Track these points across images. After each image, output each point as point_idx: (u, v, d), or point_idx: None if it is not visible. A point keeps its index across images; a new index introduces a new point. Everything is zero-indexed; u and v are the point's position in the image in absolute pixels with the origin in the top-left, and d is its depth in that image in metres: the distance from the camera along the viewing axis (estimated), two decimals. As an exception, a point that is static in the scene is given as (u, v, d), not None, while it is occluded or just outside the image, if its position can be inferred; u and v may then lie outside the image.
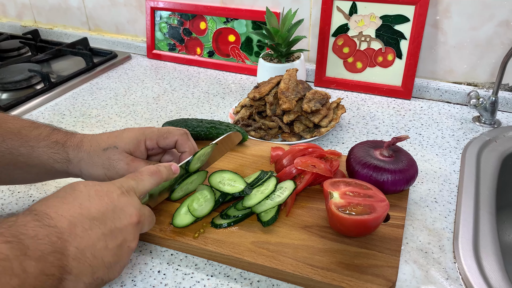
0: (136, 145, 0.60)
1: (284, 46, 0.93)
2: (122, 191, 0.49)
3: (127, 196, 0.49)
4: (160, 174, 0.54)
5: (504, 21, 0.86)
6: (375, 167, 0.62)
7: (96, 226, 0.44)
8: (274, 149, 0.73)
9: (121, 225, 0.46)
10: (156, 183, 0.53)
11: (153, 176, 0.53)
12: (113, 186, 0.48)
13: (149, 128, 0.63)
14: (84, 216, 0.44)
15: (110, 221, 0.46)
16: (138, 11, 1.25)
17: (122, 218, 0.47)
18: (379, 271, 0.52)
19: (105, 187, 0.48)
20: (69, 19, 1.39)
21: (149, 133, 0.62)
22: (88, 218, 0.44)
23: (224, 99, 1.00)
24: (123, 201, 0.48)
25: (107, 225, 0.45)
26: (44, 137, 0.58)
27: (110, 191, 0.48)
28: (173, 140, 0.63)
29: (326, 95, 0.83)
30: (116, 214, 0.46)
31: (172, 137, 0.63)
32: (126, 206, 0.48)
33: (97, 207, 0.45)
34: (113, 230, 0.46)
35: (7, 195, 0.71)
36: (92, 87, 1.10)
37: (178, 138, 0.63)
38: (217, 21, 1.13)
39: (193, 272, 0.56)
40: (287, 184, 0.62)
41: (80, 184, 0.47)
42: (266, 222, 0.58)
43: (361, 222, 0.53)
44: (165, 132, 0.63)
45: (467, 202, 0.65)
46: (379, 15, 0.95)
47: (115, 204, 0.47)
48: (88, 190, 0.47)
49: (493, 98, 0.84)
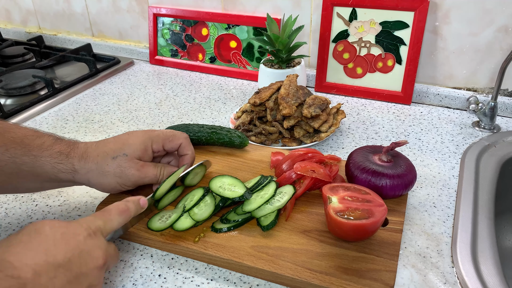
0: (144, 150, 0.61)
1: (285, 52, 0.94)
2: (88, 232, 0.47)
3: (93, 238, 0.47)
4: (128, 212, 0.53)
5: (503, 27, 0.87)
6: (373, 172, 0.63)
7: (61, 273, 0.42)
8: (274, 154, 0.74)
9: (87, 269, 0.45)
10: (124, 221, 0.52)
11: (121, 215, 0.52)
12: (80, 228, 0.46)
13: (153, 131, 0.64)
14: (50, 264, 0.42)
15: (76, 266, 0.44)
16: (141, 17, 1.27)
17: (89, 262, 0.45)
18: (377, 275, 0.52)
19: (72, 229, 0.46)
20: (73, 25, 1.41)
21: (155, 136, 0.63)
22: (54, 266, 0.42)
23: (225, 104, 1.01)
24: (90, 244, 0.46)
25: (73, 271, 0.43)
26: (47, 147, 0.58)
27: (76, 234, 0.45)
28: (178, 143, 0.65)
29: (326, 101, 0.84)
30: (83, 259, 0.44)
31: (177, 140, 0.64)
32: (92, 249, 0.46)
33: (62, 252, 0.43)
34: (79, 276, 0.44)
35: (10, 200, 0.72)
36: (95, 93, 1.11)
37: (182, 142, 0.65)
38: (219, 27, 1.14)
39: (193, 276, 0.56)
40: (286, 189, 0.63)
41: (45, 226, 0.45)
42: (265, 227, 0.59)
43: (359, 226, 0.54)
44: (170, 136, 0.64)
45: (466, 207, 0.65)
46: (379, 21, 0.96)
47: (81, 248, 0.45)
48: (54, 233, 0.44)
49: (492, 103, 0.85)
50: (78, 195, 0.72)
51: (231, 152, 0.78)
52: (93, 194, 0.72)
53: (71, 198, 0.72)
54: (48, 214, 0.68)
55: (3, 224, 0.67)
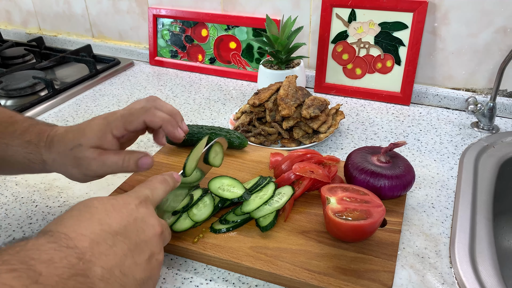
0: (102, 138, 0.55)
1: (284, 53, 0.95)
2: (140, 201, 0.46)
3: (144, 207, 0.46)
4: (167, 182, 0.52)
5: (501, 28, 0.87)
6: (372, 172, 0.63)
7: (120, 241, 0.41)
8: (273, 155, 0.74)
9: (145, 237, 0.43)
10: (166, 191, 0.52)
11: (163, 184, 0.51)
12: (129, 198, 0.46)
13: (113, 114, 0.57)
14: (106, 232, 0.40)
15: (133, 234, 0.42)
16: (141, 19, 1.27)
17: (145, 229, 0.44)
18: (376, 276, 0.53)
19: (121, 200, 0.45)
20: (73, 26, 1.41)
21: (113, 121, 0.55)
22: (111, 234, 0.41)
23: (225, 105, 1.02)
24: (143, 211, 0.45)
25: (132, 239, 0.42)
26: (18, 135, 0.55)
27: (127, 203, 0.45)
28: (140, 121, 0.55)
29: (325, 101, 0.84)
30: (139, 226, 0.43)
31: (137, 118, 0.55)
32: (146, 216, 0.45)
33: (117, 221, 0.42)
34: (139, 244, 0.42)
35: (10, 201, 0.72)
36: (95, 94, 1.11)
37: (144, 118, 0.55)
38: (218, 28, 1.15)
39: (192, 277, 0.57)
40: (285, 189, 0.63)
41: (94, 200, 0.44)
42: (264, 227, 0.59)
43: (357, 227, 0.54)
44: (128, 116, 0.55)
45: (464, 207, 0.65)
46: (378, 22, 0.96)
47: (135, 216, 0.44)
48: (104, 205, 0.43)
49: (491, 104, 0.85)
50: (78, 195, 0.73)
51: (230, 152, 0.78)
52: (92, 195, 0.73)
53: (71, 199, 0.72)
54: (48, 215, 0.68)
55: (3, 225, 0.67)
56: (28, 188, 0.75)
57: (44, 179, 0.77)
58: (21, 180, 0.77)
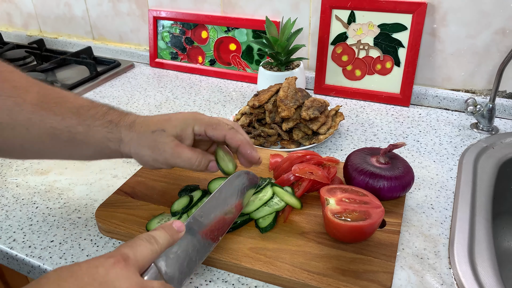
0: (184, 129, 0.58)
1: (284, 55, 0.95)
2: (115, 260, 0.41)
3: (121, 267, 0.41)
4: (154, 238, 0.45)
5: (500, 29, 0.87)
6: (371, 173, 0.63)
7: None
8: (273, 156, 0.74)
9: None
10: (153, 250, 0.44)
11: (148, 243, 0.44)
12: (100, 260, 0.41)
13: (200, 114, 0.61)
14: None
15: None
16: (141, 21, 1.28)
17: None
18: (375, 277, 0.53)
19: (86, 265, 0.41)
20: (74, 28, 1.42)
21: (199, 119, 0.60)
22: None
23: (225, 106, 1.02)
24: (115, 273, 0.40)
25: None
26: (99, 116, 0.59)
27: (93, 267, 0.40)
28: (221, 134, 0.59)
29: (324, 103, 0.84)
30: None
31: (220, 130, 0.59)
32: (119, 279, 0.40)
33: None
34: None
35: (11, 202, 0.72)
36: (96, 96, 1.11)
37: (226, 134, 0.59)
38: (218, 30, 1.15)
39: (192, 278, 0.57)
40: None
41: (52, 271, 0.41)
42: (263, 229, 0.60)
43: (356, 228, 0.54)
44: (214, 123, 0.59)
45: (464, 208, 0.66)
46: (377, 24, 0.96)
47: (100, 281, 0.39)
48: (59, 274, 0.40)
49: (490, 105, 0.85)
50: (78, 197, 0.73)
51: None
52: (93, 197, 0.73)
53: (71, 201, 0.72)
54: (48, 217, 0.69)
55: (4, 226, 0.67)
56: (29, 190, 0.75)
57: (45, 181, 0.77)
58: (21, 181, 0.78)
